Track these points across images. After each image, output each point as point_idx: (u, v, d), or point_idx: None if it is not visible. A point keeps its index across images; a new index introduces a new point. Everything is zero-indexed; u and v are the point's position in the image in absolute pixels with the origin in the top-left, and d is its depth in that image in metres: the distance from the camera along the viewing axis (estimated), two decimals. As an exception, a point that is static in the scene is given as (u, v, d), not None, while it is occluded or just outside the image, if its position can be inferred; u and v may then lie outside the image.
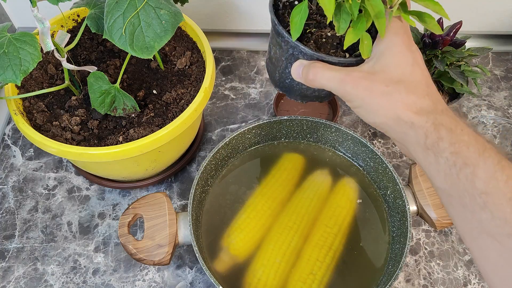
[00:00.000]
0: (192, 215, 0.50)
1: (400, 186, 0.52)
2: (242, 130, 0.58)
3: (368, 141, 0.56)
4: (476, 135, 0.34)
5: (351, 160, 0.60)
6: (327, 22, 0.42)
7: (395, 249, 0.52)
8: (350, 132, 0.57)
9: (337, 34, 0.39)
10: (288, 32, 0.39)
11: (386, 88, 0.36)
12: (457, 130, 0.33)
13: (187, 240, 0.50)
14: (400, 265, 0.47)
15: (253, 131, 0.59)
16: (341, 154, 0.60)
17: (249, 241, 0.53)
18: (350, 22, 0.38)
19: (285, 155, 0.61)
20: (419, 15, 0.39)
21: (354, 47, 0.41)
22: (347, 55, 0.42)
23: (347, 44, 0.38)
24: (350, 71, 0.38)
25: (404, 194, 0.52)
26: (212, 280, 0.45)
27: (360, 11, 0.37)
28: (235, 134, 0.57)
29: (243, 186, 0.57)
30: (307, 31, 0.43)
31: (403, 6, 0.38)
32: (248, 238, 0.53)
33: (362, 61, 0.40)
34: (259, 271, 0.51)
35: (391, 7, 0.37)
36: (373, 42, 0.40)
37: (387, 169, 0.54)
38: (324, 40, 0.43)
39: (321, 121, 0.58)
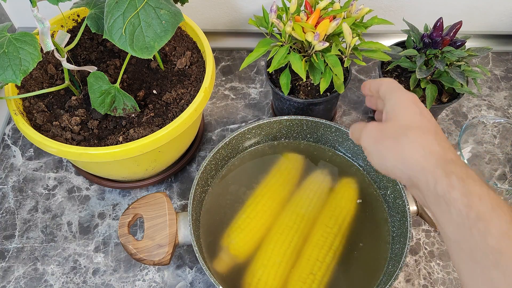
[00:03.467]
0: (192, 215, 0.50)
1: (400, 186, 0.52)
2: (242, 130, 0.58)
3: None
4: (487, 187, 0.33)
5: (351, 160, 0.60)
6: (304, 80, 0.59)
7: (395, 249, 0.52)
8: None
9: (315, 84, 0.58)
10: (282, 90, 0.58)
11: (395, 133, 0.38)
12: (469, 181, 0.33)
13: (187, 240, 0.50)
14: (400, 265, 0.47)
15: (253, 131, 0.59)
16: (341, 154, 0.60)
17: (249, 241, 0.53)
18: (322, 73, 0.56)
19: (285, 155, 0.61)
20: (369, 51, 0.56)
21: (332, 87, 0.60)
22: (328, 94, 0.61)
23: (322, 89, 0.56)
24: (367, 123, 0.42)
25: (404, 194, 0.52)
26: (212, 280, 0.45)
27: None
28: (235, 134, 0.57)
29: (243, 186, 0.57)
30: (296, 84, 0.62)
31: (356, 50, 0.56)
32: (248, 238, 0.53)
33: (338, 95, 0.60)
34: (259, 271, 0.51)
35: (345, 56, 0.56)
36: (345, 79, 0.60)
37: None
38: (309, 88, 0.62)
39: (321, 121, 0.58)
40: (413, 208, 0.52)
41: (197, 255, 0.47)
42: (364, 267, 0.52)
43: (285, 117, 0.59)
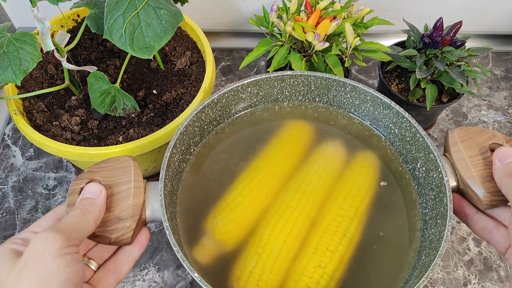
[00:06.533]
0: (166, 184, 0.40)
1: (435, 154, 0.41)
2: (235, 86, 0.47)
3: (392, 101, 0.45)
4: None
5: (370, 127, 0.50)
6: None
7: (429, 234, 0.41)
8: (370, 91, 0.46)
9: None
10: None
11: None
12: None
13: (156, 215, 0.39)
14: (440, 252, 0.37)
15: (249, 89, 0.48)
16: (358, 120, 0.50)
17: (240, 223, 0.43)
18: None
19: (289, 122, 0.51)
20: (369, 52, 0.56)
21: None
22: None
23: None
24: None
25: (441, 164, 0.41)
26: (188, 270, 0.35)
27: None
28: (225, 90, 0.46)
29: (235, 156, 0.47)
30: None
31: (356, 50, 0.56)
32: (239, 220, 0.43)
33: None
34: (251, 261, 0.40)
35: (346, 56, 0.56)
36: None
37: (417, 135, 0.43)
38: None
39: (333, 77, 0.47)
40: (452, 183, 0.41)
41: (169, 237, 0.36)
42: (387, 260, 0.42)
43: (288, 73, 0.48)
